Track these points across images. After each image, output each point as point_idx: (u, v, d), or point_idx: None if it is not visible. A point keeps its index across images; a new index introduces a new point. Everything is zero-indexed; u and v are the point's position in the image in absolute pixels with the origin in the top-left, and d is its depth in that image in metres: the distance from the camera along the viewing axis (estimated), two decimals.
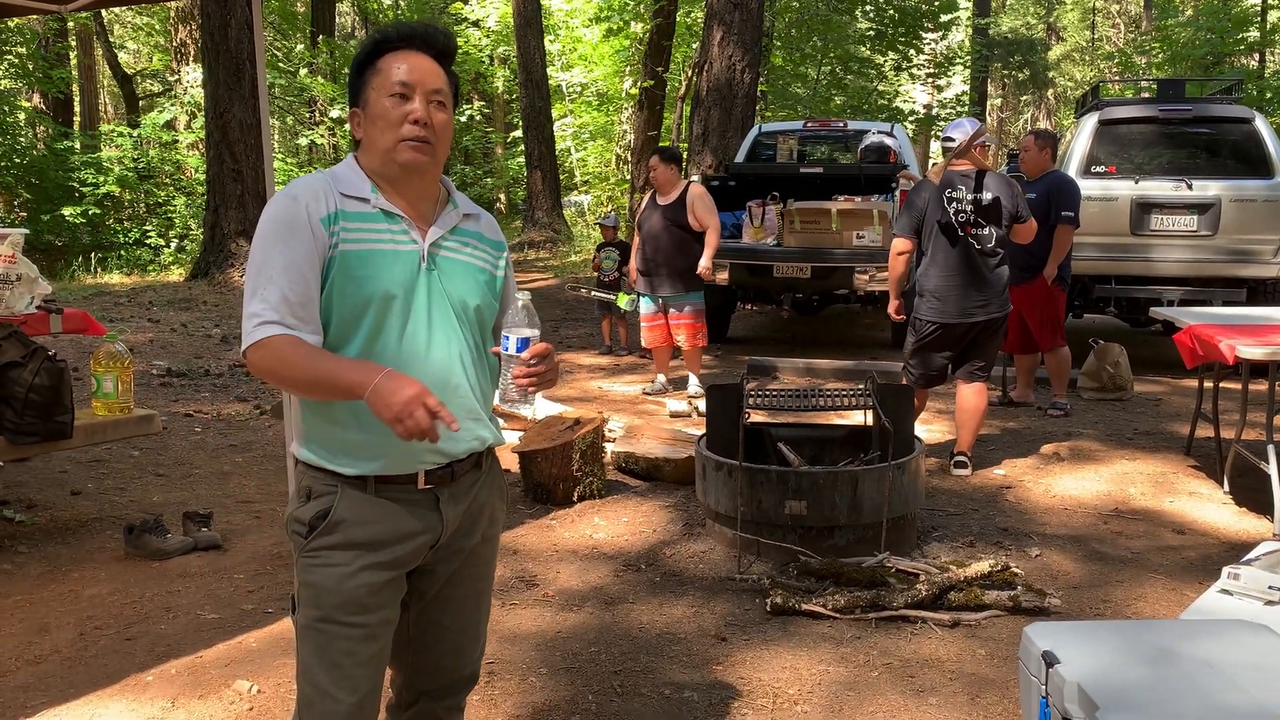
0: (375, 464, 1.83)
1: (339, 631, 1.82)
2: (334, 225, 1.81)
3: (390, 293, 1.82)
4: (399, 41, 1.88)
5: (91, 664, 3.16)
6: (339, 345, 1.81)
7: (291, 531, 1.87)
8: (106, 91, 27.31)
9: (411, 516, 1.86)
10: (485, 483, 2.00)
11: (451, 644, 2.02)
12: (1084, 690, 1.87)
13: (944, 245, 5.12)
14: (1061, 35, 37.43)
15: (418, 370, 1.83)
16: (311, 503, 1.84)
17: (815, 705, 2.94)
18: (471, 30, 25.09)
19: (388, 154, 1.85)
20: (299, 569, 1.85)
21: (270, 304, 1.75)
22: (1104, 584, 3.83)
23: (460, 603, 2.01)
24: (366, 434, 1.81)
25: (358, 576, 1.82)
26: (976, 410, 5.22)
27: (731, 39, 11.88)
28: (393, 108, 1.84)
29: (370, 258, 1.82)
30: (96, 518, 4.52)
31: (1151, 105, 8.42)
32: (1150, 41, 21.37)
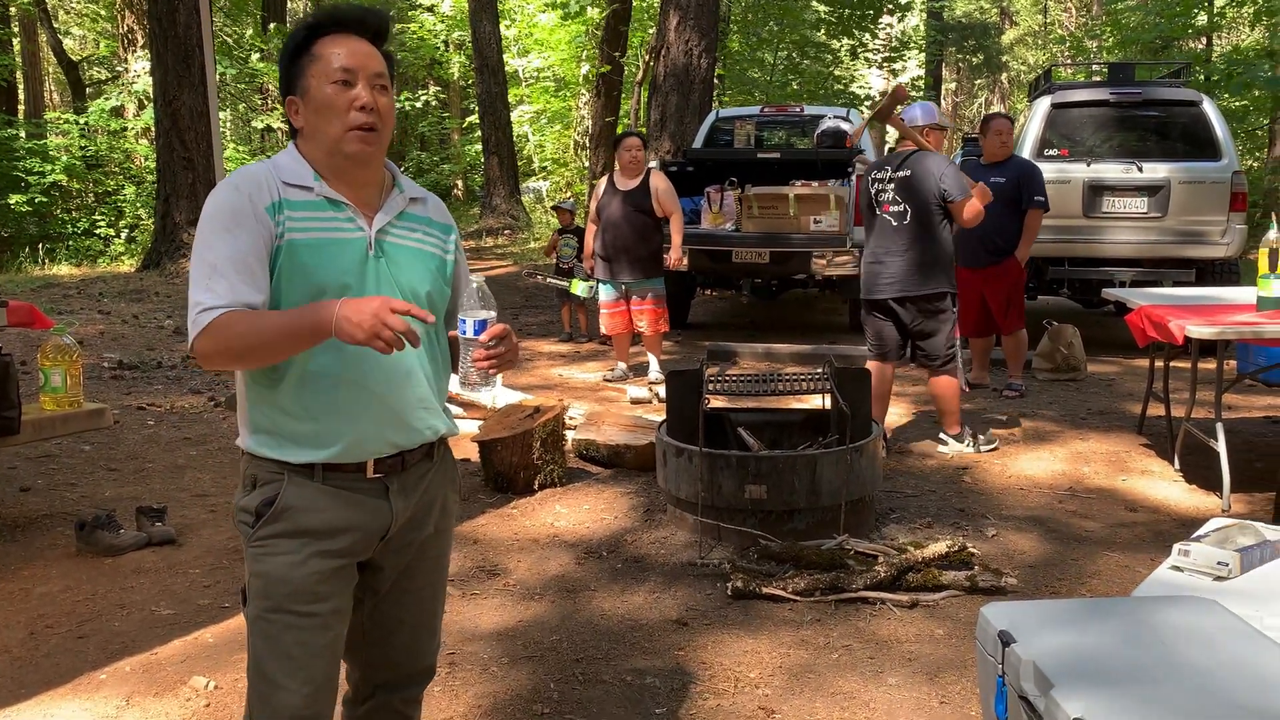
0: (324, 452, 1.80)
1: (291, 621, 1.80)
2: (279, 214, 1.78)
3: (340, 282, 1.79)
4: (334, 26, 1.83)
5: (43, 663, 3.11)
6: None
7: (239, 521, 1.84)
8: (52, 79, 26.71)
9: (360, 506, 1.84)
10: (437, 474, 1.97)
11: (407, 638, 2.00)
12: (1039, 668, 1.89)
13: (868, 223, 5.31)
14: (1015, 19, 37.76)
15: (372, 363, 1.81)
16: (257, 491, 1.82)
17: (776, 688, 2.96)
18: (426, 15, 24.85)
19: (335, 143, 1.82)
20: (248, 559, 1.83)
21: (215, 294, 1.71)
22: (1059, 562, 3.89)
23: (415, 596, 1.99)
24: (315, 423, 1.80)
25: (307, 564, 1.80)
26: (938, 396, 5.27)
27: (688, 24, 11.85)
28: (336, 95, 1.80)
29: (318, 247, 1.79)
30: (47, 514, 4.43)
31: (1103, 89, 8.52)
32: (1101, 26, 21.61)
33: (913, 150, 5.21)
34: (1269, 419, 6.01)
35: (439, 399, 1.95)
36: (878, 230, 5.20)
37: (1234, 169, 7.98)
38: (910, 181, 5.10)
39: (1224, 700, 1.74)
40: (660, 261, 6.91)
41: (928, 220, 5.09)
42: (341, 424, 1.81)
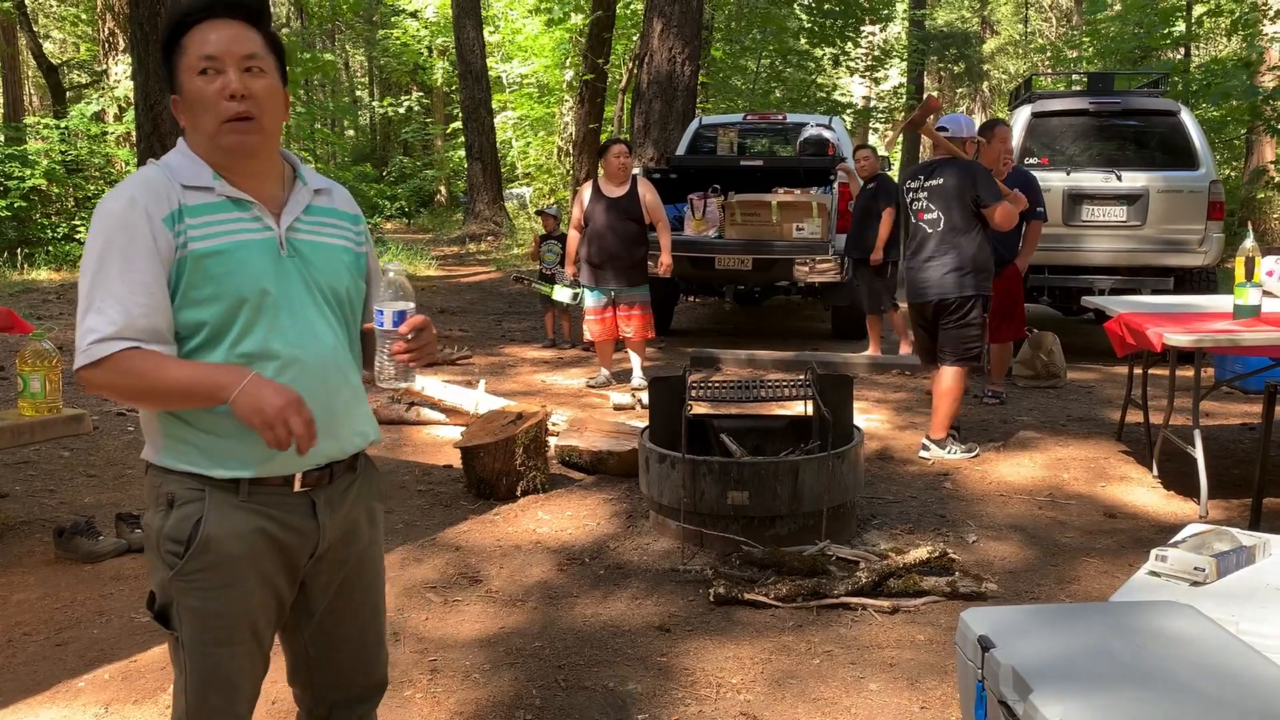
0: (251, 468, 1.71)
1: (231, 653, 1.74)
2: (179, 224, 1.66)
3: (253, 289, 1.69)
4: (199, 12, 1.70)
5: (20, 671, 3.08)
6: (208, 351, 1.69)
7: (164, 551, 1.71)
8: (31, 83, 26.55)
9: (286, 524, 1.76)
10: (361, 484, 1.90)
11: (353, 655, 1.93)
12: (1018, 673, 1.91)
13: (907, 230, 5.42)
14: (996, 29, 38.02)
15: (296, 370, 1.72)
16: (176, 513, 1.71)
17: (758, 694, 2.96)
18: (410, 21, 24.83)
19: (212, 139, 1.70)
20: (174, 590, 1.72)
21: (109, 318, 1.61)
22: (1039, 568, 3.91)
23: (355, 613, 1.92)
24: (240, 437, 1.68)
25: (241, 595, 1.72)
26: (940, 393, 5.32)
27: (672, 31, 11.89)
28: (204, 87, 1.68)
29: (225, 253, 1.68)
30: (25, 520, 4.40)
31: (1082, 98, 8.60)
32: (1081, 35, 21.79)
33: (943, 158, 5.32)
34: (1246, 426, 6.07)
35: (363, 402, 1.87)
36: (915, 238, 5.32)
37: (1211, 178, 8.06)
38: (943, 189, 5.21)
39: (1200, 703, 1.76)
40: (646, 268, 6.93)
41: (961, 226, 5.19)
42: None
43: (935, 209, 5.22)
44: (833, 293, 8.72)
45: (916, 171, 5.41)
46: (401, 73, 29.33)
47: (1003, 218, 5.19)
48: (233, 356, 1.69)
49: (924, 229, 5.26)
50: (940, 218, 5.20)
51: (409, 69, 28.17)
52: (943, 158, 5.34)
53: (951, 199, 5.19)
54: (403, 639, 3.31)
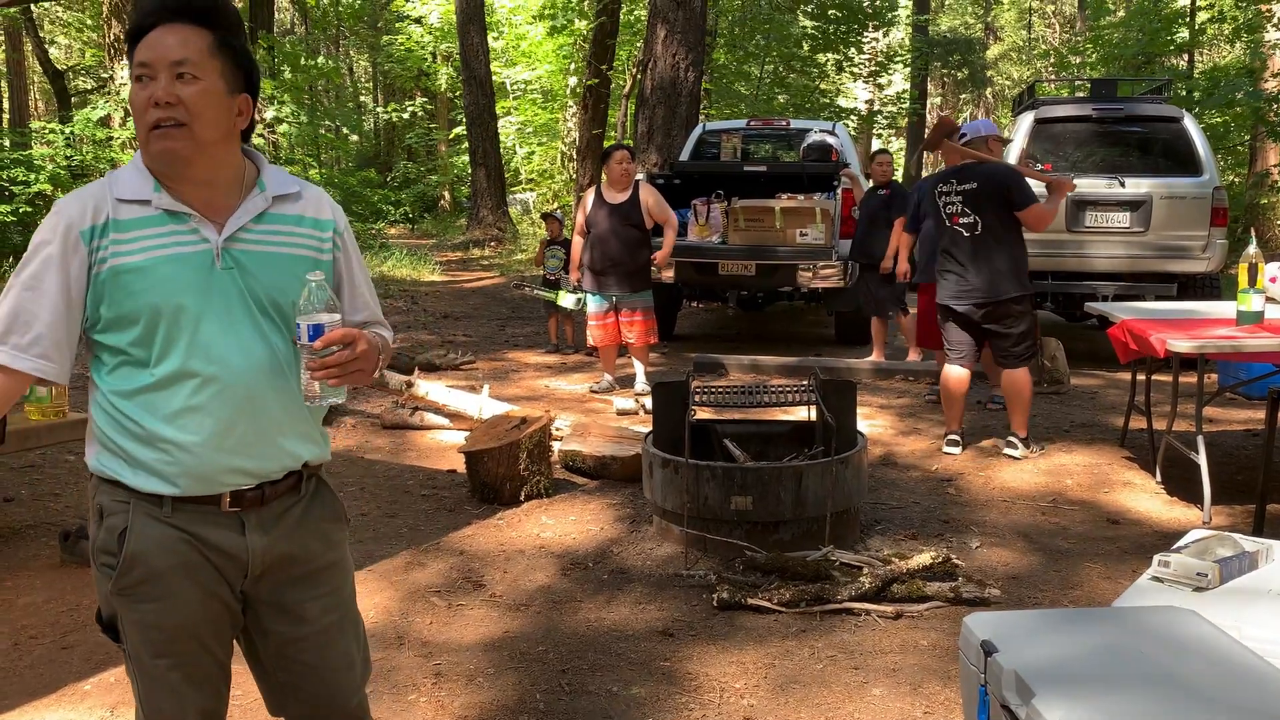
0: (173, 486, 1.68)
1: (174, 663, 1.73)
2: (100, 239, 1.64)
3: (172, 303, 1.64)
4: (148, 18, 1.65)
5: (26, 674, 3.10)
6: (131, 367, 1.67)
7: (100, 564, 1.70)
8: (37, 88, 26.63)
9: (213, 542, 1.71)
10: (308, 507, 1.83)
11: (323, 681, 1.86)
12: (1021, 678, 1.91)
13: (939, 236, 5.45)
14: (999, 35, 38.09)
15: (216, 387, 1.68)
16: (105, 526, 1.70)
17: (761, 698, 2.97)
18: (414, 27, 24.89)
19: (144, 146, 1.66)
20: (116, 602, 1.71)
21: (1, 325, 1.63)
22: (1042, 573, 3.91)
23: (317, 638, 1.84)
24: (159, 450, 1.67)
25: (178, 607, 1.70)
26: (1016, 393, 5.40)
27: (675, 37, 11.91)
28: (138, 93, 1.64)
29: (147, 268, 1.64)
30: (31, 524, 4.42)
31: (1085, 104, 8.60)
32: (1084, 42, 21.81)
33: (972, 162, 5.35)
34: (1249, 432, 6.07)
35: (307, 423, 1.81)
36: (949, 242, 5.36)
37: (1215, 185, 8.06)
38: (978, 193, 5.25)
39: (1203, 708, 1.77)
40: (649, 274, 6.95)
41: (998, 229, 5.24)
42: (189, 456, 1.67)
43: (971, 213, 5.25)
44: (836, 298, 8.72)
45: (948, 176, 5.42)
46: (406, 78, 29.40)
47: (1037, 219, 5.27)
48: (154, 374, 1.66)
49: (960, 233, 5.29)
50: (977, 221, 5.24)
51: (413, 75, 28.24)
52: (971, 162, 5.36)
53: (987, 202, 5.23)
54: (407, 643, 3.32)
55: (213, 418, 1.68)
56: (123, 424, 1.68)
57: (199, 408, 1.67)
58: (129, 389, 1.67)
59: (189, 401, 1.67)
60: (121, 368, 1.68)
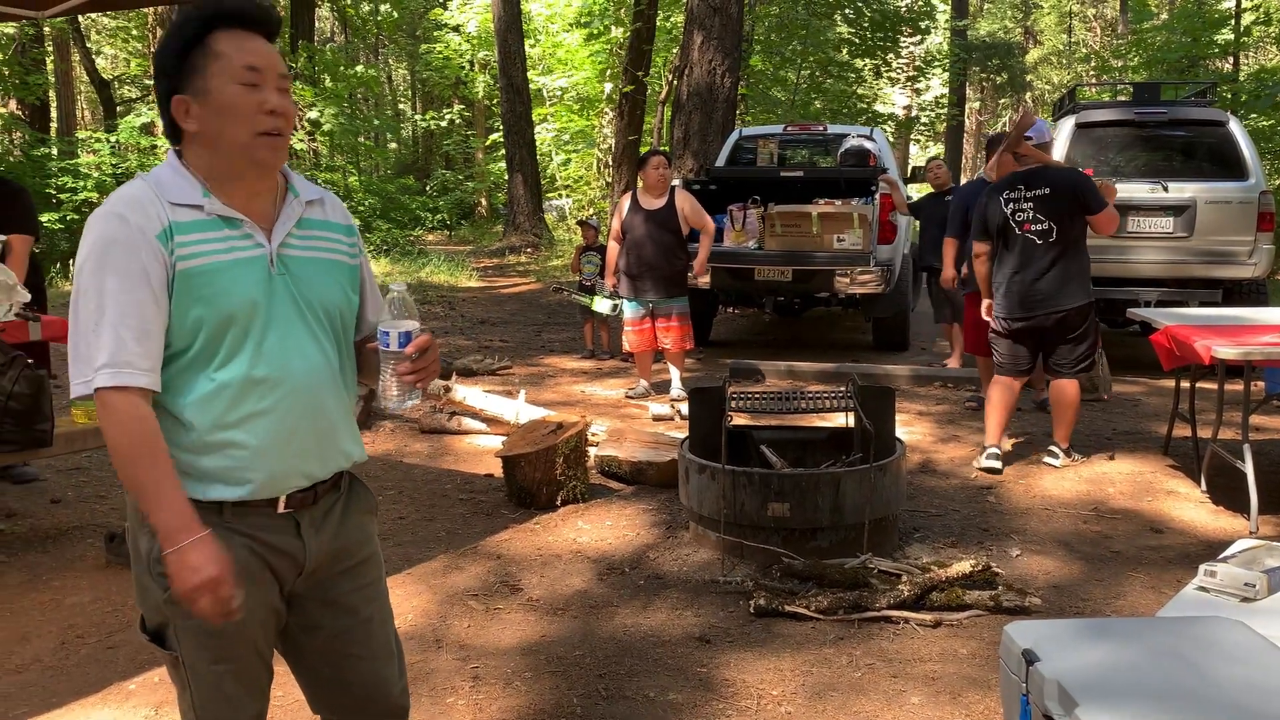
0: (237, 490, 1.69)
1: (229, 669, 1.75)
2: (170, 241, 1.63)
3: (241, 310, 1.66)
4: (233, 20, 1.66)
5: (73, 673, 3.15)
6: (193, 373, 1.66)
7: (155, 574, 1.68)
8: (84, 97, 27.14)
9: (270, 546, 1.74)
10: (347, 501, 1.87)
11: (370, 671, 1.90)
12: (1063, 687, 1.89)
13: (1006, 243, 5.26)
14: (1039, 39, 37.73)
15: (282, 392, 1.70)
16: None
17: (799, 705, 2.95)
18: (452, 35, 25.09)
19: (243, 150, 1.67)
20: (171, 611, 1.70)
21: (105, 348, 1.59)
22: (1084, 582, 3.86)
23: (365, 628, 1.88)
24: (226, 459, 1.68)
25: (236, 623, 1.70)
26: (1067, 403, 5.30)
27: (711, 43, 11.92)
28: (243, 97, 1.65)
29: (214, 273, 1.65)
30: (77, 526, 4.49)
31: (1128, 108, 8.50)
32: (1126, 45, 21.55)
33: (1042, 166, 5.25)
34: None
35: (352, 423, 1.85)
36: (1020, 250, 5.19)
37: (1261, 189, 7.93)
38: (1052, 198, 5.14)
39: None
40: (685, 280, 6.95)
41: (1072, 235, 5.14)
42: (256, 460, 1.69)
43: (1045, 219, 5.13)
44: (874, 304, 8.67)
45: (1014, 182, 5.25)
46: (444, 86, 29.64)
47: (1110, 222, 5.19)
48: (218, 379, 1.66)
49: (1031, 240, 5.15)
50: (1052, 228, 5.11)
51: (451, 83, 28.46)
52: (1036, 166, 5.25)
53: (1062, 208, 5.12)
54: (445, 646, 3.34)
55: (279, 422, 1.70)
56: (181, 433, 1.67)
57: (266, 412, 1.69)
58: (192, 397, 1.67)
59: (256, 406, 1.68)
60: (182, 374, 1.67)
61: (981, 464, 5.30)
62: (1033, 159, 5.27)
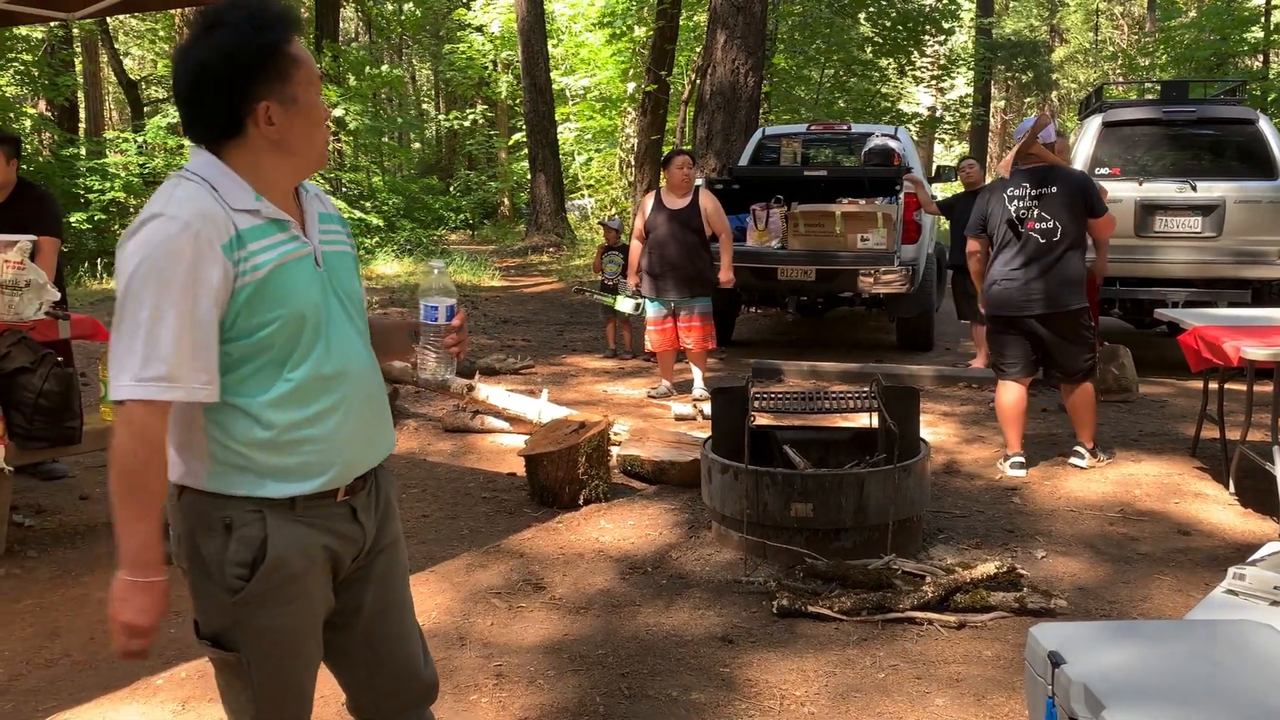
0: (314, 483, 1.72)
1: (302, 665, 1.78)
2: (239, 250, 1.63)
3: (309, 309, 1.70)
4: (299, 25, 1.71)
5: (102, 668, 3.18)
6: (269, 375, 1.67)
7: (231, 576, 1.68)
8: (111, 98, 27.41)
9: (335, 533, 1.78)
10: (377, 484, 1.90)
11: (407, 650, 1.94)
12: (1090, 690, 1.88)
13: (1006, 240, 5.22)
14: (1065, 37, 37.44)
15: (347, 386, 1.75)
16: (237, 537, 1.69)
17: (822, 706, 2.95)
18: (475, 35, 25.16)
19: (318, 156, 1.75)
20: (240, 612, 1.70)
21: (164, 358, 1.57)
22: (1110, 585, 3.83)
23: (399, 607, 1.93)
24: (301, 456, 1.70)
25: (307, 608, 1.75)
26: (1084, 405, 5.28)
27: (735, 42, 11.90)
28: (320, 103, 1.73)
29: (282, 276, 1.67)
30: (105, 522, 4.53)
31: (1155, 107, 8.43)
32: (1154, 43, 21.37)
33: (1048, 166, 5.22)
34: None
35: (388, 408, 1.91)
36: (1021, 248, 5.15)
37: None
38: (1058, 198, 5.11)
39: None
40: (708, 279, 6.93)
41: (1075, 236, 5.11)
42: (331, 453, 1.73)
43: (1050, 218, 5.10)
44: (898, 304, 8.63)
45: (1020, 180, 5.23)
46: (467, 87, 29.73)
47: (1108, 227, 5.23)
48: (294, 379, 1.68)
49: (1034, 239, 5.11)
50: (1056, 227, 5.08)
51: (474, 83, 28.54)
52: (1044, 165, 5.21)
53: (1068, 208, 5.09)
54: (468, 644, 3.35)
55: (346, 414, 1.75)
56: (259, 433, 1.68)
57: (336, 406, 1.74)
58: (269, 397, 1.68)
59: (328, 401, 1.73)
60: (258, 377, 1.68)
61: (1007, 472, 5.26)
62: (1040, 158, 5.24)
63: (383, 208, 20.02)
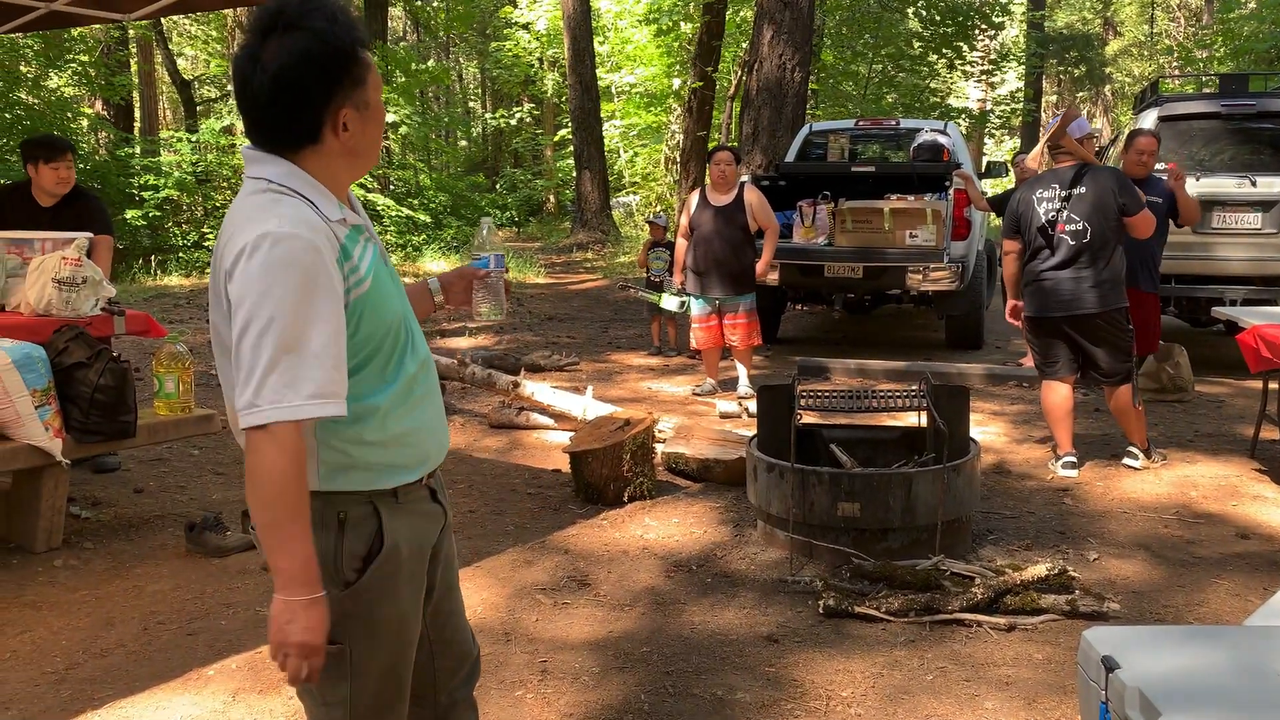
0: (416, 472, 1.77)
1: (407, 651, 1.80)
2: (346, 263, 1.65)
3: (404, 309, 1.76)
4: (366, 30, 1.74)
5: (155, 658, 3.24)
6: (379, 376, 1.69)
7: (348, 569, 1.69)
8: (165, 98, 27.90)
9: (426, 515, 1.82)
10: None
11: (461, 629, 1.99)
12: (1146, 696, 1.83)
13: (1038, 243, 5.13)
14: (1119, 30, 36.76)
15: (430, 376, 1.80)
16: (351, 529, 1.69)
17: (869, 707, 2.92)
18: (521, 33, 25.28)
19: (376, 156, 1.78)
20: (350, 604, 1.69)
21: (312, 378, 1.55)
22: (1165, 589, 3.76)
23: (454, 585, 1.98)
24: (407, 448, 1.75)
25: (415, 595, 1.79)
26: (1126, 409, 5.16)
27: (782, 38, 11.83)
28: (383, 104, 1.75)
29: (379, 281, 1.70)
30: (158, 515, 4.61)
31: (1213, 101, 8.24)
32: (1212, 35, 20.91)
33: (1080, 165, 5.13)
34: None
35: None
36: (1051, 249, 5.07)
37: None
38: (1088, 198, 5.02)
39: None
40: (753, 276, 6.90)
41: (1107, 236, 5.01)
42: (428, 441, 1.79)
43: (1080, 219, 5.01)
44: (947, 301, 8.53)
45: (1049, 180, 5.15)
46: (513, 84, 29.88)
47: (1145, 226, 5.06)
48: (399, 376, 1.72)
49: (1065, 241, 5.02)
50: (1086, 228, 4.98)
51: (520, 81, 28.68)
52: (1075, 164, 5.13)
53: (1099, 208, 4.99)
54: (514, 639, 3.36)
55: (434, 402, 1.83)
56: (374, 433, 1.69)
57: (426, 396, 1.80)
58: (382, 398, 1.70)
59: (421, 392, 1.78)
60: (371, 379, 1.69)
61: (1058, 472, 5.18)
62: (1073, 155, 5.13)
63: (430, 205, 20.19)
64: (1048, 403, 5.26)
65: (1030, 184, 5.26)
